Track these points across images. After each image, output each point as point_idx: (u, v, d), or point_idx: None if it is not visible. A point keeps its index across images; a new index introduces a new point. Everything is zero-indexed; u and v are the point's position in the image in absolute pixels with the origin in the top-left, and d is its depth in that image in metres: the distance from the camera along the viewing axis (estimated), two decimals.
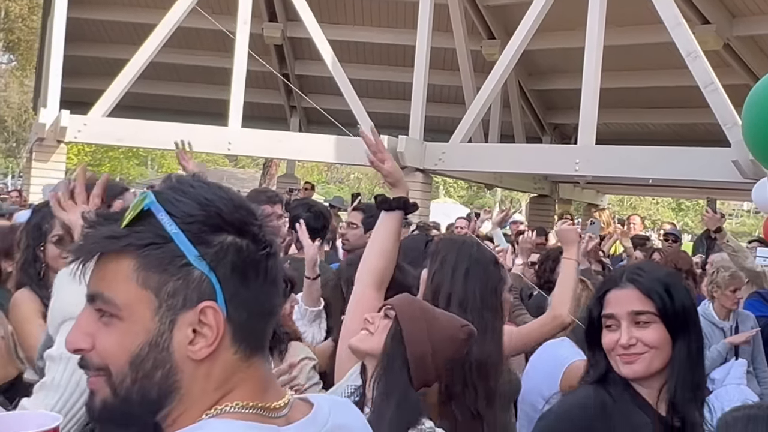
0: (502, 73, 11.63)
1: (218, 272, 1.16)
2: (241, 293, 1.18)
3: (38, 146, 12.63)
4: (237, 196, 1.23)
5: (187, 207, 1.17)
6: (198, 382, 1.18)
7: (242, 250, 1.18)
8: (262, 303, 1.21)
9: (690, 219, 46.45)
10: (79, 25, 15.05)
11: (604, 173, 11.66)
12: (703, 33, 11.91)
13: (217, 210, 1.18)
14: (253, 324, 1.21)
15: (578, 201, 18.83)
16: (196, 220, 1.17)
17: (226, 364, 1.19)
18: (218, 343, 1.17)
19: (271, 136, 13.15)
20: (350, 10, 15.57)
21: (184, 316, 1.16)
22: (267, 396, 1.23)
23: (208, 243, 1.17)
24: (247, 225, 1.20)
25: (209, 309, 1.16)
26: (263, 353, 1.25)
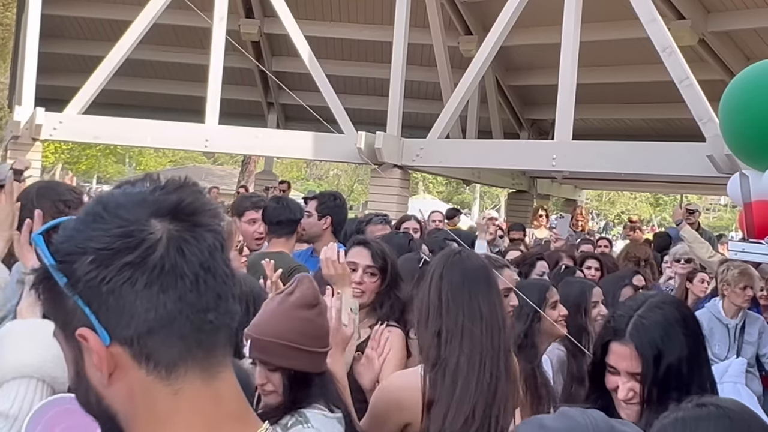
0: (479, 69, 11.64)
1: (85, 298, 1.11)
2: (114, 316, 1.11)
3: (13, 144, 12.53)
4: (114, 217, 1.13)
5: (60, 235, 1.14)
6: (125, 405, 1.15)
7: (103, 269, 1.10)
8: (151, 322, 1.11)
9: (668, 214, 46.71)
10: (54, 21, 14.94)
11: (580, 168, 11.70)
12: (679, 28, 11.97)
13: (82, 236, 1.13)
14: (150, 341, 1.12)
15: (556, 196, 18.91)
16: (62, 248, 1.13)
17: (141, 385, 1.13)
18: (114, 361, 1.12)
19: (249, 132, 13.11)
20: (327, 6, 15.55)
21: (82, 345, 1.13)
22: (223, 426, 1.15)
23: (71, 270, 1.11)
24: (108, 243, 1.11)
25: (84, 334, 1.12)
26: (198, 372, 1.15)
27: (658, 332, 2.29)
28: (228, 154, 30.00)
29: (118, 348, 1.11)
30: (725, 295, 6.57)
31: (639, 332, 2.30)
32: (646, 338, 2.28)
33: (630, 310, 2.37)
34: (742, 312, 6.58)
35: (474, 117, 14.95)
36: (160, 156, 44.66)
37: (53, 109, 12.41)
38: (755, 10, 12.06)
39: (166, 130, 12.83)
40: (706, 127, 9.36)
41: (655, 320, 2.32)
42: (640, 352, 2.26)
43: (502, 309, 3.09)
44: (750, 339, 6.56)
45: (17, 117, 12.43)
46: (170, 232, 1.13)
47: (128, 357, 1.12)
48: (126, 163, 46.84)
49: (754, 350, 6.55)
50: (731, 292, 6.51)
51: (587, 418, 1.41)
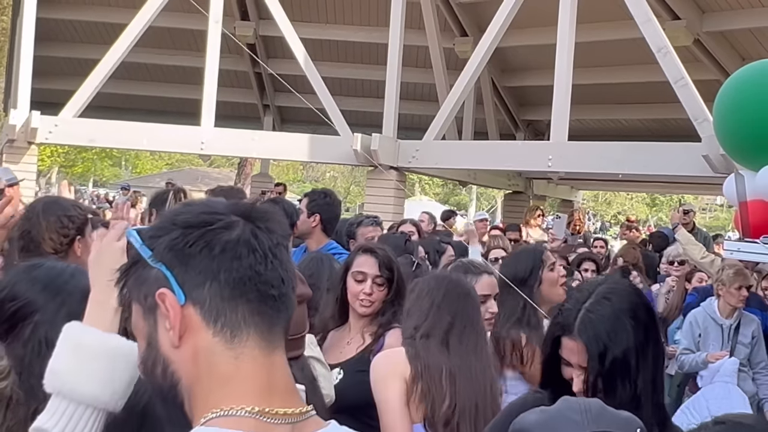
0: (474, 70, 11.65)
1: (166, 262, 1.30)
2: (192, 276, 1.29)
3: (9, 148, 12.51)
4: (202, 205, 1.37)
5: (149, 226, 1.37)
6: (190, 370, 1.29)
7: (186, 238, 1.30)
8: (222, 283, 1.29)
9: (665, 214, 46.76)
10: (48, 25, 14.92)
11: (576, 169, 11.71)
12: (674, 29, 11.98)
13: (170, 218, 1.35)
14: (220, 303, 1.29)
15: (553, 197, 18.90)
16: (151, 230, 1.35)
17: (207, 346, 1.29)
18: (185, 322, 1.29)
19: (245, 135, 13.09)
20: (322, 8, 15.55)
21: (158, 312, 1.30)
22: (273, 398, 1.29)
23: (155, 244, 1.32)
24: (193, 220, 1.32)
25: (163, 295, 1.29)
26: (258, 342, 1.30)
27: (605, 326, 2.28)
28: (224, 156, 30.01)
29: (191, 309, 1.29)
30: (720, 295, 6.59)
31: (586, 327, 2.29)
32: (593, 333, 2.27)
33: (578, 303, 2.36)
34: (737, 312, 6.59)
35: (470, 118, 14.95)
36: (157, 159, 44.68)
37: (49, 113, 12.39)
38: (750, 10, 12.08)
39: (162, 133, 12.82)
40: (702, 127, 9.36)
41: (602, 314, 2.31)
42: (586, 346, 2.27)
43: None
44: (744, 340, 6.57)
45: (12, 120, 12.39)
46: (245, 222, 1.33)
47: (199, 318, 1.29)
48: (122, 166, 46.83)
49: (747, 351, 6.57)
50: (726, 292, 6.53)
51: (581, 404, 1.47)
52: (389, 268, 3.73)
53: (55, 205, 3.69)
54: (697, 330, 6.56)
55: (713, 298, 6.74)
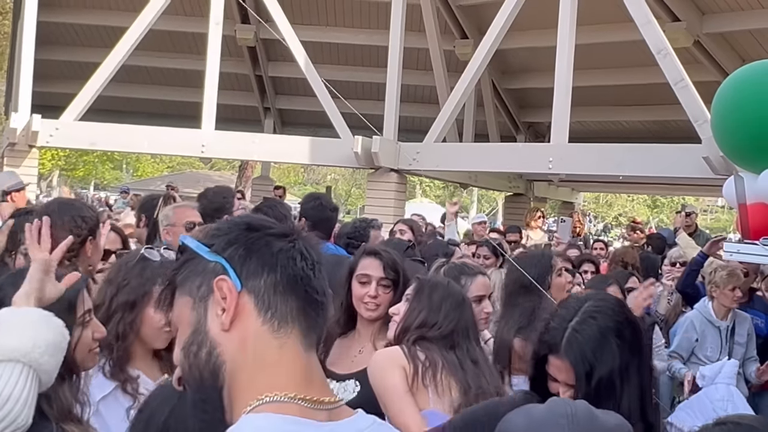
0: (475, 73, 11.65)
1: (226, 255, 1.42)
2: (251, 267, 1.41)
3: (10, 151, 12.53)
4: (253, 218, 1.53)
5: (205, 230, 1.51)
6: (236, 353, 1.39)
7: (248, 237, 1.44)
8: (278, 277, 1.41)
9: (666, 216, 46.75)
10: (49, 28, 14.94)
11: (576, 171, 11.71)
12: (674, 30, 11.98)
13: (225, 221, 1.51)
14: (273, 294, 1.41)
15: (553, 199, 18.91)
16: (206, 231, 1.49)
17: (255, 332, 1.40)
18: (239, 308, 1.39)
19: (246, 138, 13.09)
20: (323, 11, 15.56)
21: (211, 299, 1.41)
22: (311, 388, 1.41)
23: (215, 241, 1.45)
24: (255, 223, 1.48)
25: (221, 282, 1.40)
26: (299, 337, 1.42)
27: (591, 346, 2.29)
28: (225, 159, 30.01)
29: (245, 296, 1.40)
30: (714, 297, 6.58)
31: (572, 347, 2.30)
32: (579, 353, 2.29)
33: (564, 321, 2.36)
34: (731, 313, 6.60)
35: (470, 120, 14.96)
36: (158, 162, 44.70)
37: (49, 116, 12.41)
38: (750, 12, 12.08)
39: (162, 136, 12.83)
40: (702, 128, 9.36)
41: (588, 334, 2.32)
42: (574, 367, 2.29)
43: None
44: (740, 340, 6.58)
45: (13, 124, 12.42)
46: (295, 237, 1.48)
47: (252, 306, 1.40)
48: (123, 170, 46.85)
49: (743, 351, 6.57)
50: (720, 293, 6.53)
51: (569, 407, 1.48)
52: (394, 269, 3.63)
53: (70, 206, 3.79)
54: (694, 335, 6.55)
55: (706, 299, 6.73)
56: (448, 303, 3.16)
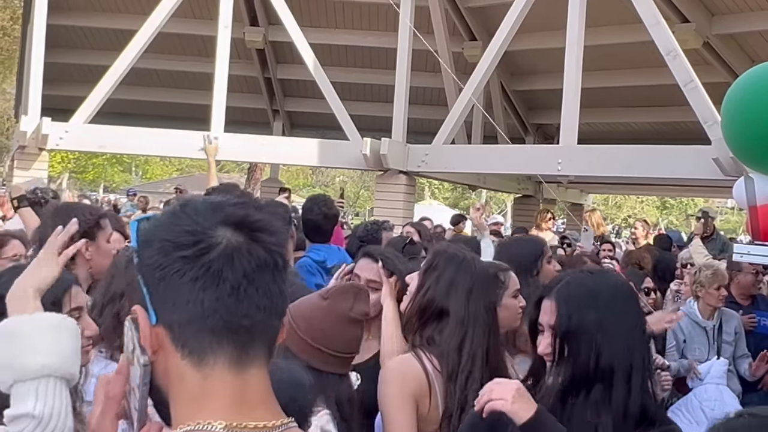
0: (483, 74, 11.65)
1: (146, 278, 1.29)
2: (164, 301, 1.28)
3: (20, 154, 12.57)
4: (189, 217, 1.31)
5: (145, 224, 1.33)
6: (165, 383, 1.31)
7: (162, 262, 1.28)
8: (189, 313, 1.27)
9: (675, 217, 46.67)
10: (59, 32, 14.99)
11: (586, 172, 11.69)
12: (683, 31, 11.97)
13: (159, 227, 1.31)
14: (186, 330, 1.28)
15: (562, 201, 18.88)
16: (142, 234, 1.32)
17: (176, 368, 1.29)
18: (154, 343, 1.29)
19: (254, 140, 13.12)
20: (331, 13, 15.58)
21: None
22: (244, 413, 1.28)
23: (143, 253, 1.30)
24: (173, 238, 1.29)
25: (135, 311, 1.31)
26: (227, 364, 1.28)
27: (579, 291, 2.40)
28: (234, 161, 30.06)
29: (162, 330, 1.29)
30: (699, 297, 6.58)
31: (562, 289, 2.41)
32: (566, 294, 2.39)
33: (566, 275, 2.52)
34: (717, 312, 6.59)
35: (479, 122, 14.96)
36: (167, 164, 44.84)
37: (59, 119, 12.44)
38: (760, 13, 12.05)
39: (172, 139, 12.85)
40: (712, 130, 9.34)
41: (581, 281, 2.44)
42: (557, 305, 2.37)
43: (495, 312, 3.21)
44: (728, 338, 6.57)
45: (23, 127, 12.45)
46: (230, 240, 1.28)
47: (169, 341, 1.29)
48: (132, 172, 46.97)
49: (732, 348, 6.57)
50: (705, 293, 6.53)
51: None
52: (389, 271, 3.77)
53: (66, 209, 3.77)
54: (681, 336, 6.54)
55: (691, 301, 6.73)
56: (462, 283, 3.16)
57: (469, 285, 3.13)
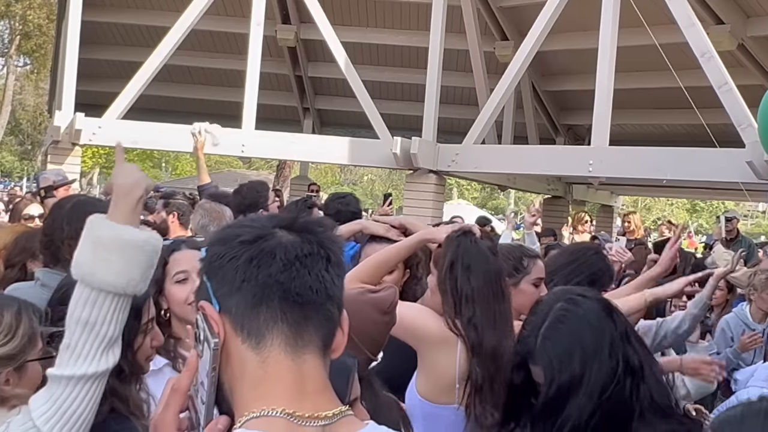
0: (515, 75, 11.61)
1: (208, 272, 1.41)
2: (223, 287, 1.38)
3: (53, 149, 12.70)
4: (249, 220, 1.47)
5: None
6: (228, 372, 1.38)
7: (218, 253, 1.39)
8: (245, 292, 1.36)
9: (705, 220, 46.25)
10: (93, 28, 15.12)
11: (617, 174, 11.62)
12: (717, 33, 11.86)
13: (221, 230, 1.47)
14: (243, 311, 1.36)
15: (592, 202, 18.78)
16: (209, 241, 1.47)
17: (237, 352, 1.37)
18: (222, 330, 1.37)
19: (284, 137, 13.15)
20: (363, 12, 15.59)
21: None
22: (303, 401, 1.34)
23: (208, 252, 1.43)
24: (227, 234, 1.43)
25: (202, 306, 1.40)
26: (284, 347, 1.36)
27: (558, 351, 2.34)
28: (264, 159, 30.19)
29: (224, 317, 1.37)
30: (752, 300, 6.53)
31: (542, 354, 2.36)
32: (548, 360, 2.34)
33: (535, 329, 2.41)
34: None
35: (510, 122, 14.91)
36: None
37: (92, 115, 12.55)
38: None
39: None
40: (746, 132, 9.27)
41: (556, 339, 2.36)
42: (545, 373, 2.34)
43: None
44: None
45: (57, 122, 12.58)
46: (286, 235, 1.40)
47: (230, 327, 1.37)
48: (162, 168, 47.26)
49: None
50: (758, 297, 6.48)
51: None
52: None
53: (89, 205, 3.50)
54: (729, 333, 6.49)
55: (744, 304, 6.68)
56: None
57: (467, 262, 3.17)
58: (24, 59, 36.36)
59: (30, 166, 42.20)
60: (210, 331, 1.37)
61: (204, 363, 1.38)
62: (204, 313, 1.38)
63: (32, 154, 41.39)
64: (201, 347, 1.39)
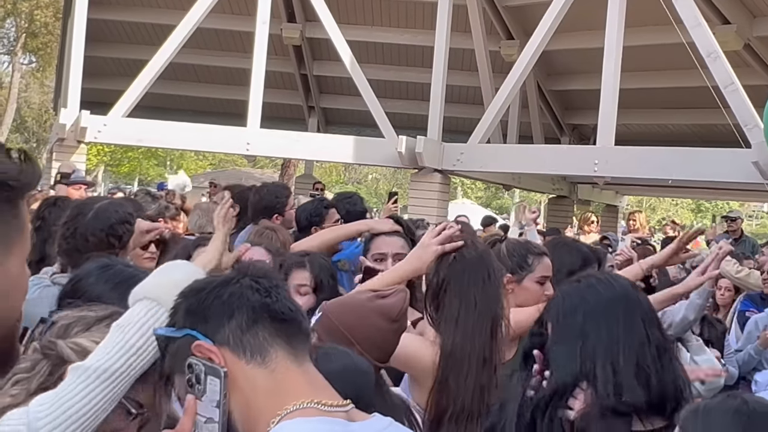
0: (520, 74, 11.60)
1: (188, 325, 1.51)
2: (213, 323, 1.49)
3: (58, 146, 12.71)
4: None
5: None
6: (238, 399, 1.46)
7: (197, 300, 1.52)
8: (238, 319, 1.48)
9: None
10: (99, 26, 15.13)
11: (623, 174, 11.61)
12: (724, 33, 11.82)
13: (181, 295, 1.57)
14: (242, 335, 1.47)
15: (597, 202, 18.75)
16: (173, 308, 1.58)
17: (246, 375, 1.46)
18: (222, 360, 1.46)
19: (289, 136, 13.16)
20: (368, 10, 15.57)
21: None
22: (319, 394, 1.45)
23: (174, 319, 1.56)
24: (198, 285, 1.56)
25: (197, 346, 1.48)
26: (287, 356, 1.48)
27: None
28: (269, 157, 30.19)
29: (221, 349, 1.47)
30: None
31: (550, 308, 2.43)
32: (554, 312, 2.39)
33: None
34: None
35: (515, 122, 14.89)
36: (201, 159, 45.01)
37: (98, 112, 12.57)
38: None
39: (208, 134, 12.94)
40: (752, 133, 9.25)
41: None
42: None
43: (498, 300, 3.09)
44: None
45: (62, 120, 12.59)
46: (245, 278, 1.54)
47: (231, 354, 1.46)
48: (167, 166, 47.26)
49: None
50: None
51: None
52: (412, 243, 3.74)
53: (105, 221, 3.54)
54: (757, 333, 6.45)
55: None
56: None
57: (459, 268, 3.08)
58: (29, 57, 36.40)
59: None
60: (210, 366, 1.45)
61: (208, 399, 1.45)
62: (201, 352, 1.46)
63: (37, 151, 41.40)
64: (202, 386, 1.46)
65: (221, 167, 43.18)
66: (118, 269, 2.43)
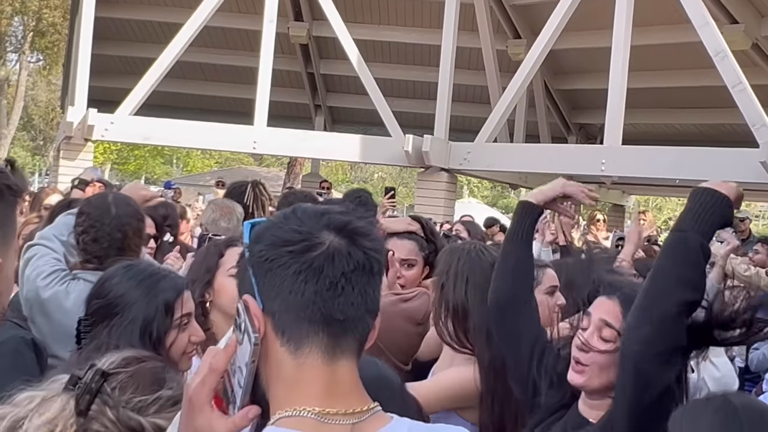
0: (527, 73, 11.60)
1: (255, 270, 1.41)
2: (269, 289, 1.40)
3: (65, 144, 12.73)
4: (298, 219, 1.44)
5: (259, 225, 1.47)
6: (266, 370, 1.41)
7: (269, 255, 1.40)
8: (290, 302, 1.38)
9: None
10: (106, 24, 15.16)
11: (630, 174, 11.59)
12: (732, 33, 11.80)
13: (269, 227, 1.44)
14: (286, 318, 1.39)
15: (603, 201, 18.73)
16: (254, 232, 1.45)
17: (276, 354, 1.40)
18: (263, 329, 1.40)
19: (296, 135, 13.17)
20: (376, 9, 15.58)
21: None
22: (334, 401, 1.39)
23: (254, 248, 1.42)
24: (281, 235, 1.41)
25: (246, 300, 1.41)
26: (320, 354, 1.39)
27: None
28: (275, 156, 30.22)
29: (267, 317, 1.40)
30: None
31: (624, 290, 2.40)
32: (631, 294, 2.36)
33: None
34: None
35: (522, 121, 14.88)
36: (207, 157, 45.10)
37: (105, 110, 12.59)
38: None
39: (215, 132, 12.95)
40: (760, 132, 9.23)
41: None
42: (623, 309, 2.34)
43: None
44: None
45: (70, 118, 12.61)
46: (333, 242, 1.40)
47: (271, 328, 1.40)
48: (173, 164, 47.34)
49: None
50: None
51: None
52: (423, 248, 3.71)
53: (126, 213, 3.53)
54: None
55: None
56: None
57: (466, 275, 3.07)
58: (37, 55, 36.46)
59: (42, 162, 42.30)
60: (252, 327, 1.39)
61: (243, 351, 1.41)
62: (247, 307, 1.41)
63: (44, 149, 41.48)
64: (242, 336, 1.42)
65: (228, 166, 43.25)
66: (140, 267, 2.50)
